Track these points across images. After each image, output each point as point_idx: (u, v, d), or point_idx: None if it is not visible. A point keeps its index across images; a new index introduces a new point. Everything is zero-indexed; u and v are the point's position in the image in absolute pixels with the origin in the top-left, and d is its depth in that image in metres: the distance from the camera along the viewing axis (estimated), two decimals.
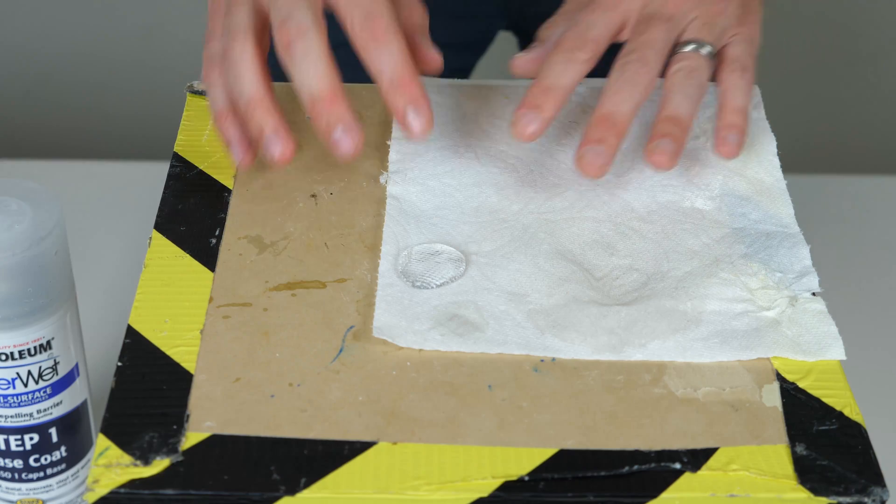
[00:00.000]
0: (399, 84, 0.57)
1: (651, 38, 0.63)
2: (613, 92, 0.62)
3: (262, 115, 0.58)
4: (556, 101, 0.61)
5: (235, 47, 0.59)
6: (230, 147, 0.62)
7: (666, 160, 0.61)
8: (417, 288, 0.58)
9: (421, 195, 0.64)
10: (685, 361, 0.55)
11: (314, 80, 0.57)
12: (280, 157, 0.58)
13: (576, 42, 0.62)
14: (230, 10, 0.61)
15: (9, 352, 0.64)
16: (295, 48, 0.57)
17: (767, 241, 0.62)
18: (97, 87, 1.69)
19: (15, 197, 0.63)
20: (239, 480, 0.49)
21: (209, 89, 0.62)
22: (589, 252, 0.61)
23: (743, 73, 0.65)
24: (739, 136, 0.63)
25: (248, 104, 0.59)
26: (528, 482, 0.50)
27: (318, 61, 0.57)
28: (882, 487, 0.50)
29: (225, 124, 0.61)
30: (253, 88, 0.59)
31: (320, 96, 0.57)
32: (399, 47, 0.57)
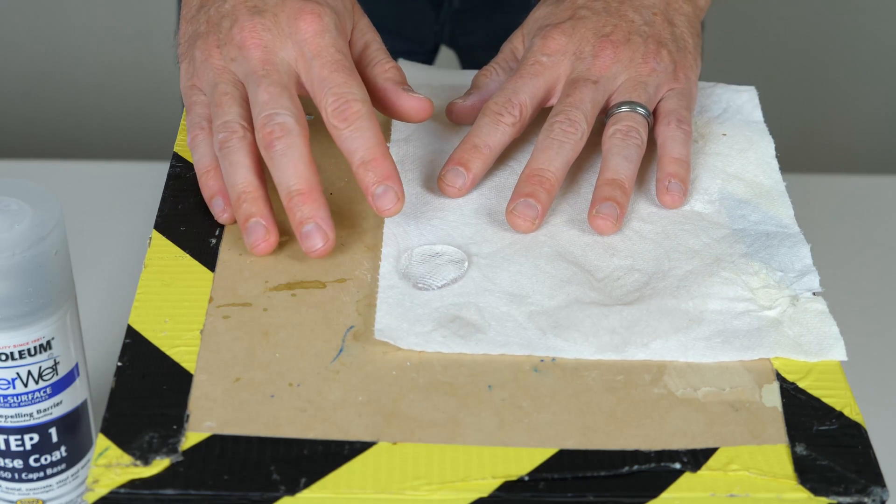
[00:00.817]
0: (370, 163, 0.59)
1: (577, 99, 0.64)
2: (542, 150, 0.63)
3: (252, 206, 0.60)
4: (482, 160, 0.64)
5: (232, 141, 0.61)
6: (213, 199, 0.62)
7: (610, 224, 0.61)
8: (419, 289, 0.58)
9: (421, 196, 0.64)
10: (685, 361, 0.55)
11: (293, 178, 0.59)
12: (264, 245, 0.59)
13: (501, 106, 0.64)
14: (219, 99, 0.62)
15: (9, 352, 0.64)
16: (276, 148, 0.59)
17: (768, 240, 0.62)
18: (97, 87, 1.69)
19: (15, 197, 0.63)
20: (239, 480, 0.49)
21: (195, 148, 0.63)
22: (590, 253, 0.61)
23: (679, 125, 0.66)
24: (681, 185, 0.64)
25: (240, 195, 0.60)
26: (528, 482, 0.50)
27: (298, 161, 0.59)
28: (882, 487, 0.50)
29: (211, 179, 0.62)
30: (247, 181, 0.60)
31: (297, 191, 0.58)
32: (370, 128, 0.59)
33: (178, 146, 0.67)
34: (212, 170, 0.62)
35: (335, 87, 0.60)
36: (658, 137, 0.66)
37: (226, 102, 0.61)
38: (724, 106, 0.71)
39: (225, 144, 0.60)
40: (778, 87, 1.69)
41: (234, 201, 0.60)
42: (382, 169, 0.59)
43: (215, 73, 0.62)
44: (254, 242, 0.59)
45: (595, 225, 0.62)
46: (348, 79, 0.60)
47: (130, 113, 1.69)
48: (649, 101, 0.66)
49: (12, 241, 0.61)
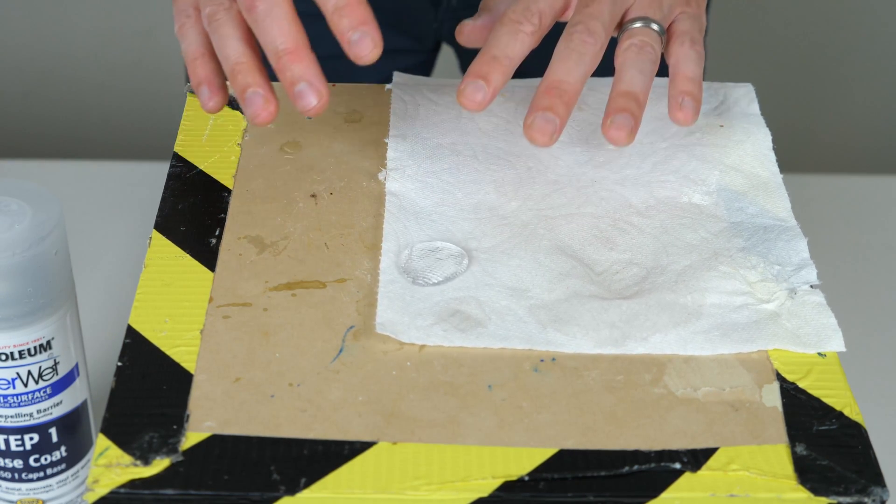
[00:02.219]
0: (344, 8, 0.57)
1: (597, 10, 0.62)
2: (560, 61, 0.61)
3: (248, 76, 0.58)
4: (502, 71, 0.61)
5: (220, 14, 0.59)
6: (199, 87, 0.61)
7: (624, 135, 0.60)
8: (419, 284, 0.58)
9: (420, 192, 0.64)
10: (685, 360, 0.55)
11: (278, 38, 0.57)
12: (263, 113, 0.58)
13: (521, 14, 0.62)
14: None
15: (9, 352, 0.64)
16: (259, 9, 0.57)
17: (765, 234, 0.62)
18: (97, 87, 1.69)
19: (15, 197, 0.63)
20: (239, 480, 0.49)
21: (183, 37, 0.62)
22: (588, 247, 0.61)
23: (693, 45, 0.65)
24: (695, 103, 0.63)
25: (234, 66, 0.59)
26: (528, 482, 0.50)
27: (281, 20, 0.57)
28: (882, 487, 0.50)
29: (198, 66, 0.61)
30: (238, 52, 0.59)
31: (284, 50, 0.57)
32: (286, 16, 0.57)
33: (178, 146, 0.67)
34: (199, 57, 0.61)
35: None
36: (670, 57, 0.65)
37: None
38: (721, 98, 0.71)
39: (213, 18, 0.59)
40: (777, 87, 1.69)
41: (229, 74, 0.59)
42: (357, 14, 0.57)
43: None
44: (254, 113, 0.58)
45: (609, 135, 0.60)
46: None
47: (130, 113, 1.69)
48: (664, 19, 0.65)
49: (12, 241, 0.61)
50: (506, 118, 0.69)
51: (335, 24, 0.57)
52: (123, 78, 1.68)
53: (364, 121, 0.69)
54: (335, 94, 0.71)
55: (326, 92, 0.57)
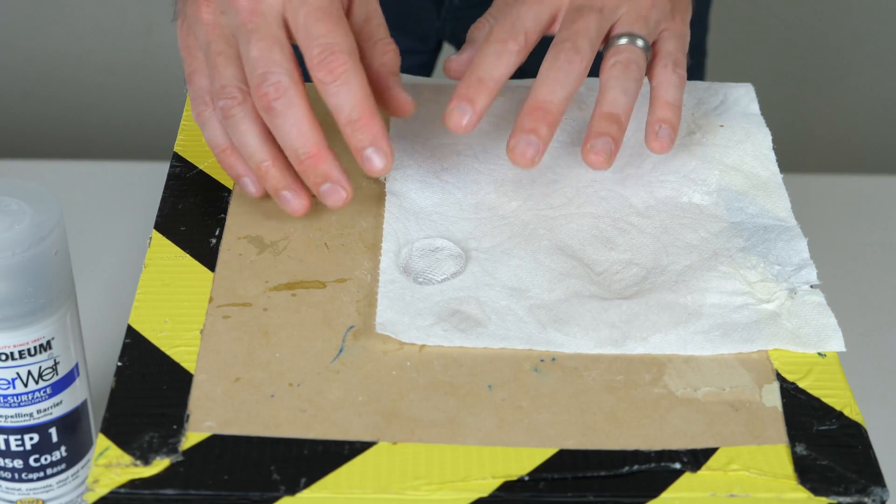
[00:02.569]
0: (358, 122, 0.58)
1: (583, 27, 0.62)
2: (546, 80, 0.61)
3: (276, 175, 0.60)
4: (487, 94, 0.61)
5: (234, 110, 0.60)
6: (241, 179, 0.62)
7: (602, 160, 0.61)
8: (419, 284, 0.58)
9: (420, 192, 0.64)
10: (685, 360, 0.55)
11: (297, 140, 0.58)
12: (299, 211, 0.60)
13: (507, 33, 0.62)
14: (213, 60, 0.60)
15: (9, 352, 0.64)
16: (275, 110, 0.58)
17: (765, 234, 0.62)
18: (97, 87, 1.69)
19: (15, 197, 0.63)
20: (239, 480, 0.49)
21: (204, 125, 0.62)
22: (588, 247, 0.61)
23: (675, 69, 0.65)
24: (671, 131, 0.63)
25: (260, 165, 0.60)
26: (528, 482, 0.50)
27: (299, 121, 0.58)
28: (882, 487, 0.50)
29: (230, 159, 0.62)
30: (261, 151, 0.60)
31: (305, 154, 0.58)
32: (357, 83, 0.58)
33: (179, 146, 0.67)
34: (227, 148, 0.62)
35: (320, 38, 0.58)
36: (652, 79, 0.65)
37: (221, 64, 0.60)
38: (721, 98, 0.71)
39: (228, 114, 0.59)
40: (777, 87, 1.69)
41: (256, 172, 0.60)
42: (369, 129, 0.58)
43: (206, 30, 0.60)
44: (292, 210, 0.60)
45: (588, 160, 0.61)
46: (334, 28, 0.58)
47: (130, 113, 1.68)
48: (649, 35, 0.65)
49: (12, 241, 0.61)
50: (506, 118, 0.69)
51: (348, 136, 0.58)
52: (123, 78, 1.68)
53: None
54: None
55: (351, 187, 0.59)
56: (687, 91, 0.71)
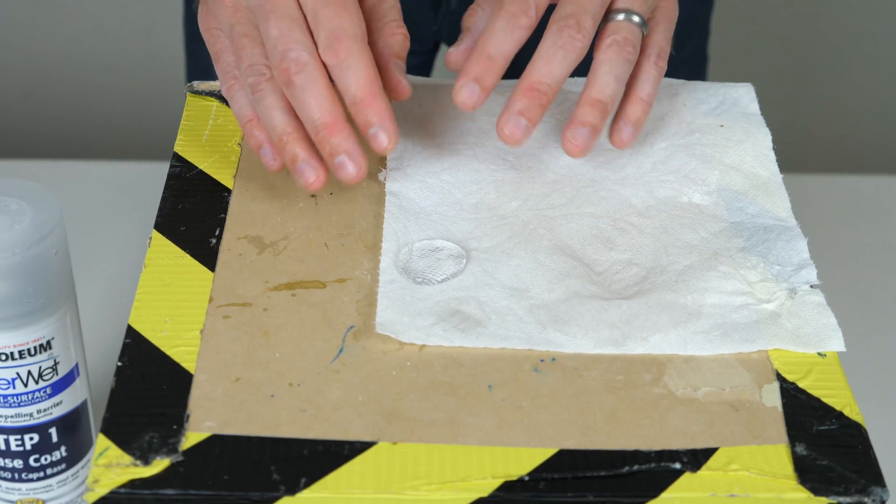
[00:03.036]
0: (362, 102, 0.58)
1: (588, 2, 0.61)
2: (545, 58, 0.60)
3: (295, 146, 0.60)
4: (496, 72, 0.61)
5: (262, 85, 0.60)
6: (260, 149, 0.62)
7: (579, 151, 0.61)
8: (419, 284, 0.58)
9: (420, 192, 0.64)
10: (685, 360, 0.55)
11: (316, 111, 0.58)
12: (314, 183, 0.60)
13: (518, 6, 0.61)
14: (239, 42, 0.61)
15: (9, 352, 0.64)
16: (294, 84, 0.58)
17: (765, 234, 0.62)
18: (97, 87, 1.69)
19: (15, 197, 0.63)
20: (239, 480, 0.49)
21: (232, 98, 0.63)
22: (588, 247, 0.61)
23: (657, 61, 0.64)
24: (635, 130, 0.63)
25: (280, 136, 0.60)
26: (528, 482, 0.50)
27: (318, 94, 0.58)
28: (882, 487, 0.50)
29: (254, 129, 0.62)
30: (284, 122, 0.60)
31: (322, 125, 0.58)
32: (363, 65, 0.58)
33: (178, 146, 0.67)
34: (254, 118, 0.62)
35: (326, 23, 0.59)
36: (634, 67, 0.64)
37: (247, 45, 0.61)
38: (720, 98, 0.71)
39: (256, 89, 0.60)
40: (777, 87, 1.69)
41: (277, 144, 0.60)
42: (374, 109, 0.58)
43: (228, 13, 0.62)
44: (305, 182, 0.60)
45: (565, 148, 0.61)
46: (340, 12, 0.59)
47: (130, 113, 1.69)
48: (647, 12, 0.64)
49: (12, 241, 0.61)
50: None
51: (354, 115, 0.59)
52: (123, 78, 1.68)
53: None
54: None
55: (365, 162, 0.59)
56: (687, 91, 0.71)
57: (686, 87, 0.71)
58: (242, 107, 0.63)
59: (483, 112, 0.70)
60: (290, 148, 0.60)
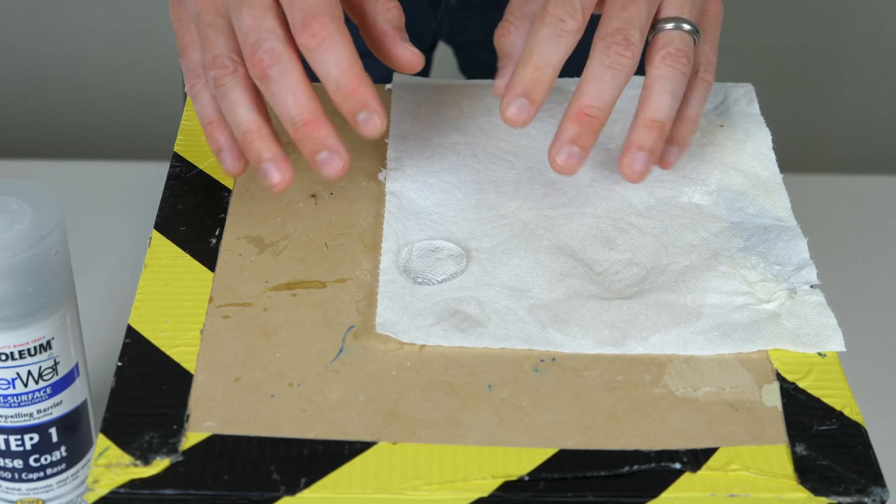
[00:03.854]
0: (346, 89, 0.56)
1: (635, 15, 0.58)
2: (594, 80, 0.58)
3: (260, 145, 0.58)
4: (546, 84, 0.58)
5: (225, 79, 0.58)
6: (220, 154, 0.60)
7: (639, 177, 0.59)
8: (419, 284, 0.58)
9: (420, 192, 0.64)
10: (685, 360, 0.55)
11: (294, 108, 0.56)
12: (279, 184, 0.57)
13: (564, 10, 0.58)
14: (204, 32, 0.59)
15: (9, 352, 0.64)
16: (270, 78, 0.56)
17: (765, 234, 0.62)
18: (97, 87, 1.69)
19: (15, 197, 0.63)
20: (239, 480, 0.49)
21: (196, 98, 0.61)
22: (588, 247, 0.61)
23: (704, 75, 0.62)
24: (680, 151, 0.62)
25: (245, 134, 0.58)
26: (528, 482, 0.50)
27: (294, 88, 0.56)
28: (882, 487, 0.50)
29: (216, 132, 0.60)
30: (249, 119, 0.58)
31: (302, 122, 0.56)
32: (342, 48, 0.55)
33: (178, 146, 0.67)
34: (214, 121, 0.59)
35: (300, 2, 0.55)
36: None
37: (212, 35, 0.58)
38: (720, 98, 0.71)
39: (219, 83, 0.57)
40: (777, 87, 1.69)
41: (241, 142, 0.58)
42: (359, 96, 0.56)
43: (196, 2, 0.59)
44: (269, 184, 0.57)
45: (624, 174, 0.59)
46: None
47: (130, 113, 1.69)
48: (697, 18, 0.61)
49: (12, 241, 0.61)
50: None
51: (338, 103, 0.56)
52: (123, 78, 1.68)
53: None
54: None
55: (347, 155, 0.57)
56: None
57: None
58: (204, 107, 0.60)
59: (483, 112, 0.70)
60: (255, 146, 0.57)
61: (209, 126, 0.60)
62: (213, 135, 0.60)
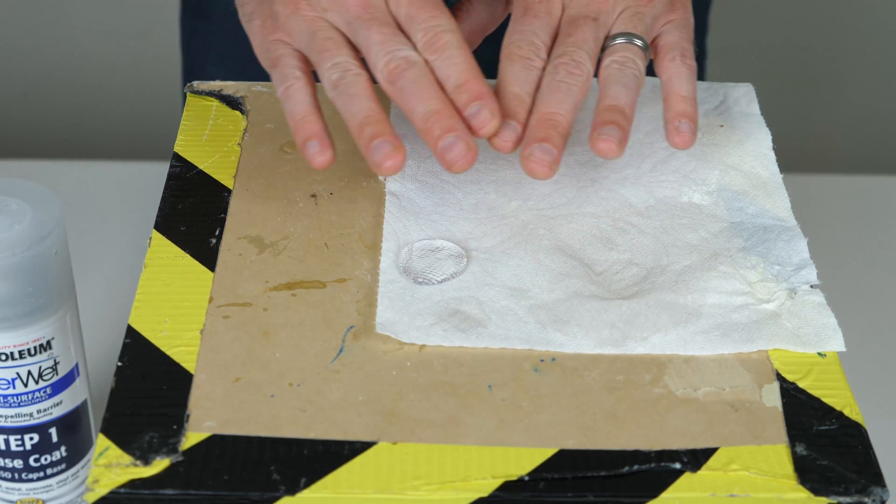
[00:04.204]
0: (463, 85, 0.59)
1: (580, 39, 0.63)
2: (549, 94, 0.61)
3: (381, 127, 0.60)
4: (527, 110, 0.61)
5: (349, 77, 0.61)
6: (309, 142, 0.61)
7: (613, 146, 0.60)
8: (419, 284, 0.58)
9: (419, 192, 0.64)
10: (685, 360, 0.55)
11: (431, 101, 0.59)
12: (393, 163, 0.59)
13: (529, 50, 0.63)
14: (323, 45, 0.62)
15: (9, 352, 0.64)
16: (406, 77, 0.60)
17: (765, 234, 0.62)
18: (97, 87, 1.69)
19: (15, 197, 0.63)
20: (239, 480, 0.49)
21: (290, 97, 0.62)
22: (588, 247, 0.61)
23: (683, 60, 0.64)
24: (691, 124, 0.62)
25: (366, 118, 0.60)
26: (528, 482, 0.50)
27: (430, 87, 0.59)
28: (882, 487, 0.50)
29: (309, 122, 0.62)
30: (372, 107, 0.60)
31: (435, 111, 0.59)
32: (463, 54, 0.60)
33: (178, 146, 0.67)
34: (309, 114, 0.62)
35: (423, 22, 0.61)
36: (662, 74, 0.64)
37: (333, 46, 0.62)
38: (720, 98, 0.71)
39: (341, 81, 0.61)
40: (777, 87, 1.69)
41: (357, 127, 0.60)
42: (474, 89, 0.59)
43: (308, 24, 0.62)
44: (380, 160, 0.59)
45: (597, 148, 0.60)
46: (436, 13, 0.61)
47: (130, 113, 1.68)
48: (646, 32, 0.64)
49: (12, 241, 0.61)
50: None
51: (455, 98, 0.60)
52: (123, 78, 1.68)
53: None
54: None
55: (475, 144, 0.59)
56: None
57: None
58: (300, 103, 0.62)
59: None
60: (371, 129, 0.59)
61: (304, 118, 0.62)
62: (307, 125, 0.62)
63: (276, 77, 0.64)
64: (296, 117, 0.62)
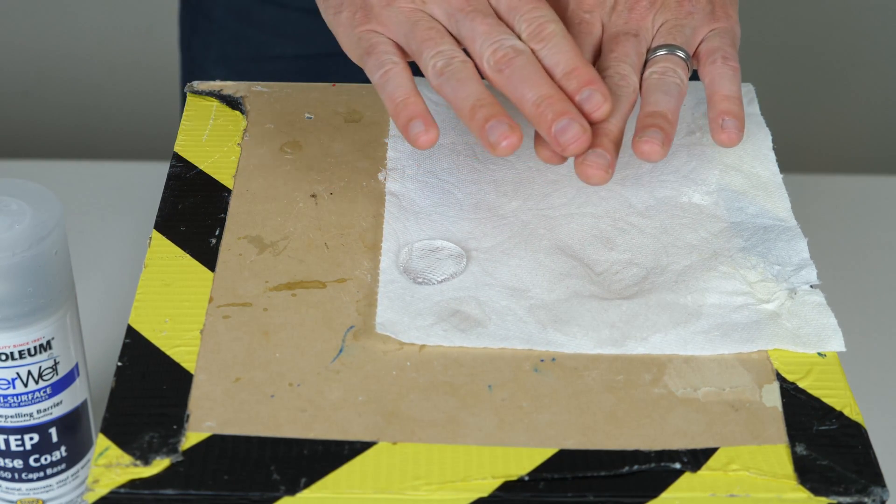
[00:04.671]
0: (572, 72, 0.60)
1: (622, 54, 0.64)
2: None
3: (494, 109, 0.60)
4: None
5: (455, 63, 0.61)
6: (412, 122, 0.61)
7: (657, 147, 0.60)
8: (419, 284, 0.58)
9: (419, 192, 0.64)
10: (685, 360, 0.55)
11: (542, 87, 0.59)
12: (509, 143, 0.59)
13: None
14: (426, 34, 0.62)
15: (9, 352, 0.64)
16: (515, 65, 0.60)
17: (765, 234, 0.62)
18: (97, 87, 1.69)
19: (15, 197, 0.63)
20: (239, 480, 0.49)
21: (388, 82, 0.62)
22: (588, 247, 0.61)
23: (725, 62, 0.65)
24: (736, 121, 0.62)
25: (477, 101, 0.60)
26: (528, 482, 0.50)
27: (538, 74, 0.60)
28: (882, 487, 0.50)
29: (411, 104, 0.61)
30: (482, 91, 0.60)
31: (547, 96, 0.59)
32: (569, 43, 0.61)
33: (178, 146, 0.67)
34: (410, 96, 0.62)
35: (526, 14, 0.61)
36: (705, 78, 0.65)
37: (435, 36, 0.62)
38: None
39: (447, 68, 0.61)
40: (777, 87, 1.69)
41: (469, 110, 0.60)
42: (584, 75, 0.60)
43: (407, 15, 0.63)
44: (497, 139, 0.59)
45: (640, 150, 0.60)
46: (538, 3, 0.61)
47: (130, 113, 1.68)
48: (686, 43, 0.65)
49: (12, 241, 0.61)
50: None
51: (564, 85, 0.60)
52: (123, 78, 1.68)
53: (364, 121, 0.69)
54: (335, 94, 0.71)
55: (587, 125, 0.59)
56: (687, 91, 0.71)
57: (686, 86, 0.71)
58: (400, 86, 0.62)
59: None
60: (485, 111, 0.59)
61: (406, 99, 0.61)
62: (409, 106, 0.61)
63: (370, 64, 0.63)
64: (396, 99, 0.62)
